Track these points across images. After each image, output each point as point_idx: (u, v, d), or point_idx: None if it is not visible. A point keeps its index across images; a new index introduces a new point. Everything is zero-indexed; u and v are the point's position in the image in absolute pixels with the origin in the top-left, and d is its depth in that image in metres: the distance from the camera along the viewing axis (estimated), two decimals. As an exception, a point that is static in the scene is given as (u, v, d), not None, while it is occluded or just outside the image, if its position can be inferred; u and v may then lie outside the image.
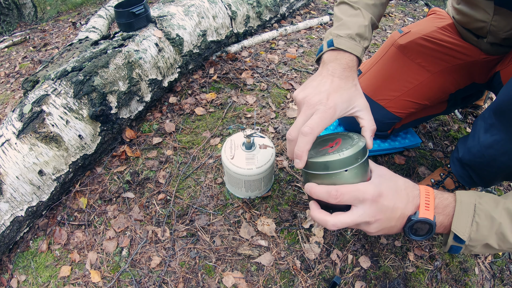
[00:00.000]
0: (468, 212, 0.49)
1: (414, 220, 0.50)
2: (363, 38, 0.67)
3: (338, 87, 0.58)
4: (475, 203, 0.50)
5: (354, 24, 0.68)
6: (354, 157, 0.50)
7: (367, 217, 0.50)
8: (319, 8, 2.31)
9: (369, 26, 0.70)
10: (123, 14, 1.24)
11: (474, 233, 0.49)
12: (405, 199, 0.51)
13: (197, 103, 1.38)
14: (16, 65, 2.07)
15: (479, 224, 0.48)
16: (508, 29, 0.76)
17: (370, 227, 0.51)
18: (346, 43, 0.64)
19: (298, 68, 1.59)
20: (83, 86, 1.05)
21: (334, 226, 0.50)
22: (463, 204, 0.50)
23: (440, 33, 0.92)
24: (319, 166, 0.52)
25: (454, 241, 0.50)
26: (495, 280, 0.92)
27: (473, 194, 0.51)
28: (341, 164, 0.50)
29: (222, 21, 1.57)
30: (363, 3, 0.72)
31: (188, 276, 0.88)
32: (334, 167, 0.51)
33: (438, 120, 1.33)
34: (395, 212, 0.50)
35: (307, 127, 0.53)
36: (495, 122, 0.69)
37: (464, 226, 0.49)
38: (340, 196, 0.49)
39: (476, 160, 0.78)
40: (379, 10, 0.75)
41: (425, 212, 0.50)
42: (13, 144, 0.94)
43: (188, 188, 1.08)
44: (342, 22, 0.69)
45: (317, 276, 0.88)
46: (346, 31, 0.66)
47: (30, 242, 0.99)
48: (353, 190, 0.49)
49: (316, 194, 0.52)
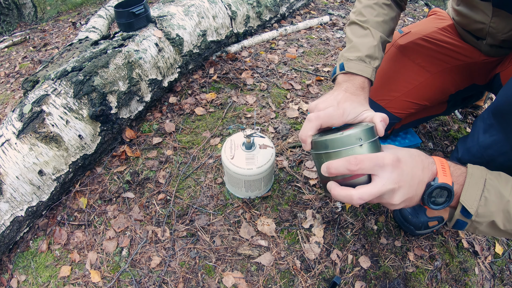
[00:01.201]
0: (478, 186, 0.49)
1: (434, 186, 0.49)
2: (373, 58, 0.69)
3: (348, 98, 0.62)
4: (485, 177, 0.49)
5: (364, 46, 0.70)
6: (355, 137, 0.50)
7: (391, 183, 0.47)
8: (319, 8, 2.31)
9: (378, 45, 0.71)
10: (123, 14, 1.24)
11: (482, 208, 0.48)
12: (421, 165, 0.50)
13: (197, 103, 1.38)
14: (16, 65, 2.07)
15: (487, 199, 0.48)
16: (507, 31, 0.76)
17: (394, 197, 0.49)
18: (356, 66, 0.67)
19: (298, 68, 1.60)
20: (83, 86, 1.05)
21: (361, 199, 0.48)
22: (474, 177, 0.49)
23: (440, 34, 0.92)
24: (321, 144, 0.53)
25: (461, 215, 0.50)
26: (495, 280, 0.92)
27: (484, 169, 0.51)
28: (342, 142, 0.50)
29: (222, 21, 1.57)
30: (372, 21, 0.73)
31: (188, 276, 0.88)
32: (334, 145, 0.51)
33: (438, 120, 1.33)
34: (414, 178, 0.49)
35: (313, 115, 0.57)
36: (494, 123, 0.69)
37: (473, 199, 0.48)
38: (360, 163, 0.47)
39: (476, 160, 0.78)
40: (390, 25, 0.76)
41: (443, 177, 0.49)
42: (13, 144, 0.94)
43: (188, 188, 1.08)
44: (352, 44, 0.71)
45: (317, 276, 0.88)
46: (356, 53, 0.69)
47: (30, 242, 0.99)
48: (372, 157, 0.48)
49: (335, 166, 0.49)
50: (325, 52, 1.76)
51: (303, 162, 1.14)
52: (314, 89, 1.48)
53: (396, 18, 0.79)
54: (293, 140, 1.22)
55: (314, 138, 0.56)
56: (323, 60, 1.68)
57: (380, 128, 0.55)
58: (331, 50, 1.78)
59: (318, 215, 0.99)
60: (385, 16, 0.75)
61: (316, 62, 1.67)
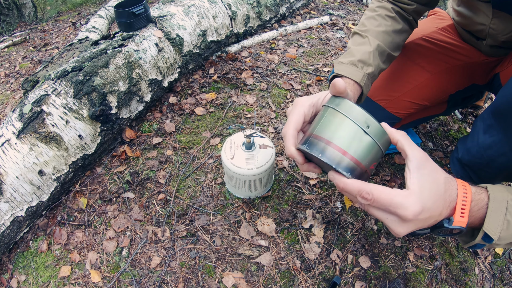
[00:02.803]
0: (501, 210, 0.47)
1: (447, 228, 0.46)
2: (366, 64, 0.68)
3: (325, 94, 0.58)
4: (507, 199, 0.47)
5: (358, 52, 0.69)
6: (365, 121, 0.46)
7: (400, 229, 0.45)
8: (319, 8, 2.31)
9: (374, 52, 0.70)
10: (123, 14, 1.24)
11: (504, 232, 0.46)
12: (441, 205, 0.45)
13: (197, 103, 1.38)
14: (16, 65, 2.07)
15: (510, 222, 0.46)
16: (507, 32, 0.76)
17: (396, 234, 0.47)
18: (346, 69, 0.66)
19: (298, 68, 1.60)
20: (83, 86, 1.05)
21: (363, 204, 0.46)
22: (496, 201, 0.47)
23: (440, 34, 0.92)
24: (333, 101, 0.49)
25: (483, 240, 0.48)
26: (495, 280, 0.92)
27: (504, 190, 0.49)
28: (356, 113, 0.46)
29: (222, 21, 1.57)
30: (372, 31, 0.73)
31: (188, 276, 0.88)
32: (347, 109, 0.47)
33: (438, 120, 1.33)
34: (429, 220, 0.46)
35: (284, 129, 0.55)
36: (494, 123, 0.69)
37: (496, 225, 0.46)
38: (374, 202, 0.43)
39: (475, 160, 0.78)
40: (392, 38, 0.75)
41: (459, 220, 0.46)
42: (13, 144, 0.94)
43: (188, 188, 1.08)
44: (349, 50, 0.71)
45: (317, 276, 0.88)
46: (349, 58, 0.68)
47: (30, 242, 0.99)
48: (389, 201, 0.42)
49: (346, 188, 0.45)
50: (325, 52, 1.76)
51: (303, 162, 1.14)
52: (314, 89, 1.48)
53: (401, 32, 0.77)
54: (293, 140, 1.21)
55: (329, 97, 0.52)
56: (323, 60, 1.68)
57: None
58: (331, 50, 1.78)
59: (318, 215, 0.99)
60: (388, 27, 0.74)
61: (316, 62, 1.67)
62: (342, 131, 0.47)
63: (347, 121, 0.47)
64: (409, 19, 0.79)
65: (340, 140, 0.47)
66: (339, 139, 0.47)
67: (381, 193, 0.43)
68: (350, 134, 0.47)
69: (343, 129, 0.47)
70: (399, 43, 0.78)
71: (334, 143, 0.47)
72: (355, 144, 0.46)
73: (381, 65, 0.72)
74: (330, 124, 0.48)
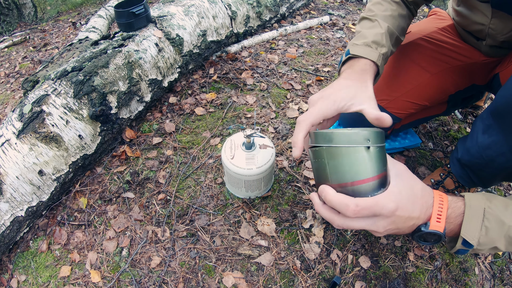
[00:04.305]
0: (478, 217, 0.49)
1: (424, 232, 0.50)
2: (380, 45, 0.69)
3: (345, 86, 0.60)
4: (484, 207, 0.49)
5: (370, 34, 0.70)
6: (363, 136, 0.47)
7: (378, 227, 0.49)
8: (319, 8, 2.31)
9: (386, 34, 0.71)
10: (123, 14, 1.24)
11: (483, 237, 0.48)
12: (418, 210, 0.49)
13: (197, 103, 1.38)
14: (16, 65, 2.07)
15: (488, 228, 0.48)
16: (506, 32, 0.76)
17: (377, 233, 0.51)
18: (361, 49, 0.67)
19: (298, 68, 1.60)
20: (83, 86, 1.05)
21: (340, 227, 0.50)
22: (473, 208, 0.49)
23: (440, 34, 0.92)
24: (323, 137, 0.49)
25: (463, 246, 0.50)
26: (495, 280, 0.92)
27: (482, 198, 0.51)
28: (349, 138, 0.47)
29: (222, 21, 1.57)
30: (380, 15, 0.75)
31: (188, 276, 0.88)
32: (340, 139, 0.47)
33: (438, 120, 1.33)
34: (408, 222, 0.49)
35: (302, 116, 0.56)
36: (493, 123, 0.69)
37: (474, 231, 0.48)
38: (360, 212, 0.46)
39: (475, 160, 0.78)
40: (398, 21, 0.77)
41: (436, 224, 0.49)
42: (13, 144, 0.94)
43: (188, 188, 1.08)
44: (360, 33, 0.72)
45: (317, 276, 0.88)
46: (362, 40, 0.69)
47: (30, 242, 0.99)
48: (373, 205, 0.46)
49: (331, 203, 0.48)
50: (325, 52, 1.76)
51: (303, 162, 1.14)
52: (314, 89, 1.48)
53: (406, 17, 0.80)
54: (293, 140, 1.21)
55: (314, 131, 0.52)
56: (323, 60, 1.68)
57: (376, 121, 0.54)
58: (331, 50, 1.78)
59: (318, 215, 0.99)
60: (393, 11, 0.76)
61: (316, 62, 1.67)
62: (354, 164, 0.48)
63: (350, 150, 0.47)
64: (410, 7, 0.81)
65: (358, 174, 0.48)
66: (357, 174, 0.48)
67: (365, 201, 0.46)
68: (361, 160, 0.48)
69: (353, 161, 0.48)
70: (404, 28, 0.80)
71: (356, 181, 0.48)
72: (370, 164, 0.48)
73: (391, 48, 0.73)
74: (340, 166, 0.49)
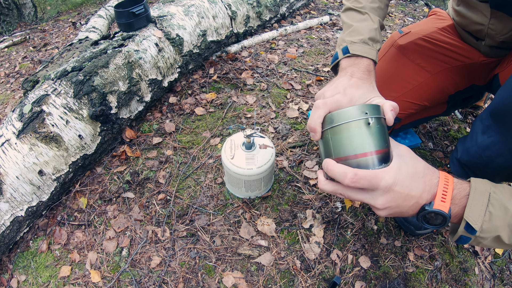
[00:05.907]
0: (483, 201, 0.47)
1: (427, 211, 0.48)
2: (375, 41, 0.69)
3: (355, 84, 0.60)
4: (489, 191, 0.48)
5: (365, 29, 0.69)
6: (360, 109, 0.49)
7: (376, 202, 0.49)
8: (319, 8, 2.31)
9: (378, 29, 0.71)
10: (123, 14, 1.24)
11: (487, 223, 0.47)
12: (421, 188, 0.48)
13: (197, 103, 1.38)
14: (16, 65, 2.07)
15: (492, 214, 0.47)
16: (505, 32, 0.77)
17: (378, 212, 0.51)
18: (361, 48, 0.66)
19: (298, 68, 1.60)
20: (83, 86, 1.05)
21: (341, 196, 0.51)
22: (478, 191, 0.48)
23: (440, 34, 0.92)
24: (326, 119, 0.52)
25: (465, 231, 0.48)
26: (495, 280, 0.92)
27: (488, 183, 0.50)
28: (348, 114, 0.49)
29: (222, 21, 1.57)
30: (369, 7, 0.73)
31: (188, 276, 0.88)
32: (340, 117, 0.50)
33: (438, 120, 1.33)
34: (409, 200, 0.48)
35: (321, 101, 0.54)
36: (492, 124, 0.69)
37: (478, 215, 0.47)
38: (358, 181, 0.47)
39: (474, 161, 0.78)
40: (384, 12, 0.77)
41: (440, 203, 0.48)
42: (13, 144, 0.94)
43: (188, 188, 1.08)
44: (353, 28, 0.71)
45: (317, 276, 0.88)
46: (359, 36, 0.68)
47: (30, 242, 0.99)
48: (371, 176, 0.47)
49: (332, 172, 0.50)
50: (325, 52, 1.76)
51: (303, 162, 1.14)
52: (314, 89, 1.48)
53: (387, 5, 0.80)
54: (293, 140, 1.22)
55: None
56: (323, 60, 1.68)
57: (390, 118, 0.52)
58: (331, 50, 1.78)
59: (318, 215, 0.99)
60: (380, 3, 0.76)
61: (316, 62, 1.67)
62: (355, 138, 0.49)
63: (350, 124, 0.49)
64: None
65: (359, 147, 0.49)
66: (357, 147, 0.49)
67: (364, 172, 0.47)
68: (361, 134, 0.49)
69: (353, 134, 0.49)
70: (386, 15, 0.81)
71: (356, 154, 0.49)
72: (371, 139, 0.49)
73: (381, 40, 0.74)
74: (342, 140, 0.50)
